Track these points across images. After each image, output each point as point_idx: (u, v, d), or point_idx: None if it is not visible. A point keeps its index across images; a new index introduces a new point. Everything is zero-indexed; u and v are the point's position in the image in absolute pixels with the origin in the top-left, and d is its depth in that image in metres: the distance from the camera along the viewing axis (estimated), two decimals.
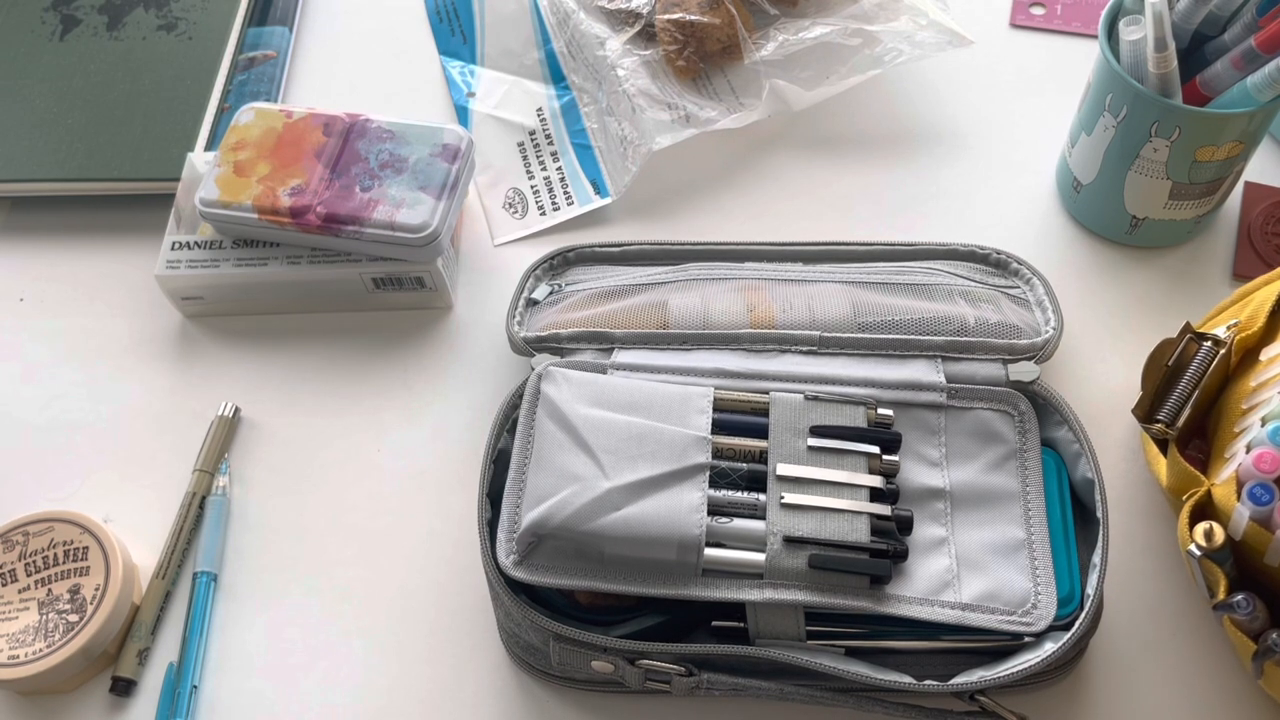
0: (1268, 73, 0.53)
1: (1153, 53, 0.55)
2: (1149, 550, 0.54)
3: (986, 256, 0.61)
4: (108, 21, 0.74)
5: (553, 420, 0.51)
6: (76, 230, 0.68)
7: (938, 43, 0.68)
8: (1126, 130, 0.58)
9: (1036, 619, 0.48)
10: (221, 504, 0.57)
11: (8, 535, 0.53)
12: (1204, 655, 0.51)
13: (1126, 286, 0.63)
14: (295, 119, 0.63)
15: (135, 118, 0.69)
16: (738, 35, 0.68)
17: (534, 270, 0.61)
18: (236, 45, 0.74)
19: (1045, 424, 0.54)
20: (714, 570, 0.48)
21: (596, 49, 0.70)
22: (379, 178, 0.60)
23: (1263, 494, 0.44)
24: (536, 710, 0.51)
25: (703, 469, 0.50)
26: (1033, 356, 0.55)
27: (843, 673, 0.46)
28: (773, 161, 0.69)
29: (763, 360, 0.55)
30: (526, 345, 0.57)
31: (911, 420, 0.54)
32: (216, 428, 0.59)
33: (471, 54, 0.75)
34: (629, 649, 0.47)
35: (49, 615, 0.51)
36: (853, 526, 0.48)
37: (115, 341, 0.63)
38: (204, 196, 0.60)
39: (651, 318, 0.57)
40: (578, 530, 0.48)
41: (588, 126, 0.70)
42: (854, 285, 0.59)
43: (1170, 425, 0.50)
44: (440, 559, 0.55)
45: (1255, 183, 0.66)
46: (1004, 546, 0.50)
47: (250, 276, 0.61)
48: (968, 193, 0.67)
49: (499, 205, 0.68)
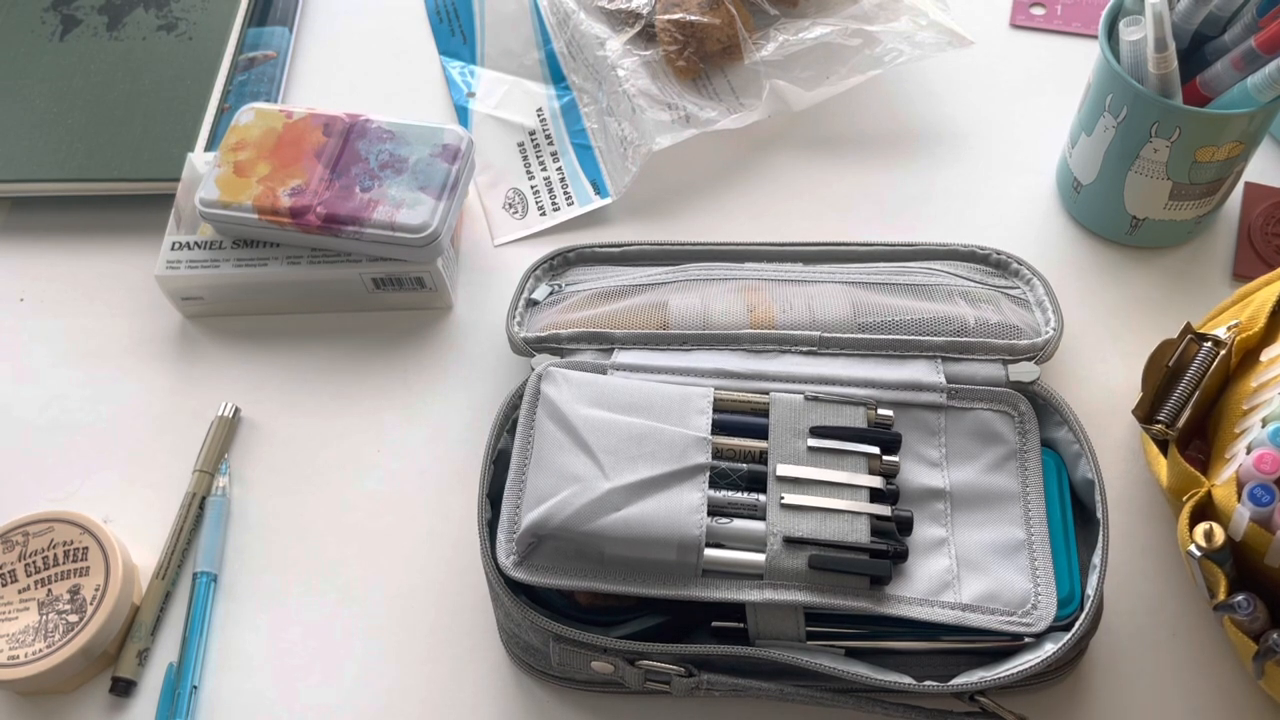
0: (1268, 73, 0.53)
1: (1153, 53, 0.55)
2: (1149, 550, 0.54)
3: (986, 257, 0.61)
4: (108, 21, 0.74)
5: (553, 421, 0.51)
6: (76, 230, 0.68)
7: (938, 43, 0.68)
8: (1126, 130, 0.58)
9: (1037, 620, 0.48)
10: (221, 504, 0.57)
11: (8, 535, 0.53)
12: (1204, 655, 0.51)
13: (1126, 287, 0.63)
14: (295, 119, 0.63)
15: (135, 118, 0.69)
16: (738, 35, 0.68)
17: (534, 270, 0.61)
18: (236, 45, 0.74)
19: (1045, 424, 0.54)
20: (714, 571, 0.48)
21: (596, 49, 0.70)
22: (379, 178, 0.60)
23: (1263, 495, 0.44)
24: (536, 710, 0.51)
25: (703, 469, 0.50)
26: (1033, 357, 0.55)
27: (842, 673, 0.46)
28: (773, 161, 0.69)
29: (763, 361, 0.55)
30: (526, 345, 0.57)
31: (911, 421, 0.54)
32: (216, 428, 0.59)
33: (471, 54, 0.75)
34: (629, 649, 0.47)
35: (49, 615, 0.51)
36: (853, 527, 0.48)
37: (115, 341, 0.63)
38: (204, 197, 0.60)
39: (651, 318, 0.57)
40: (578, 531, 0.48)
41: (588, 127, 0.70)
42: (854, 285, 0.59)
43: (1170, 426, 0.50)
44: (440, 559, 0.55)
45: (1255, 183, 0.66)
46: (1004, 547, 0.50)
47: (250, 276, 0.61)
48: (968, 193, 0.67)
49: (499, 205, 0.68)
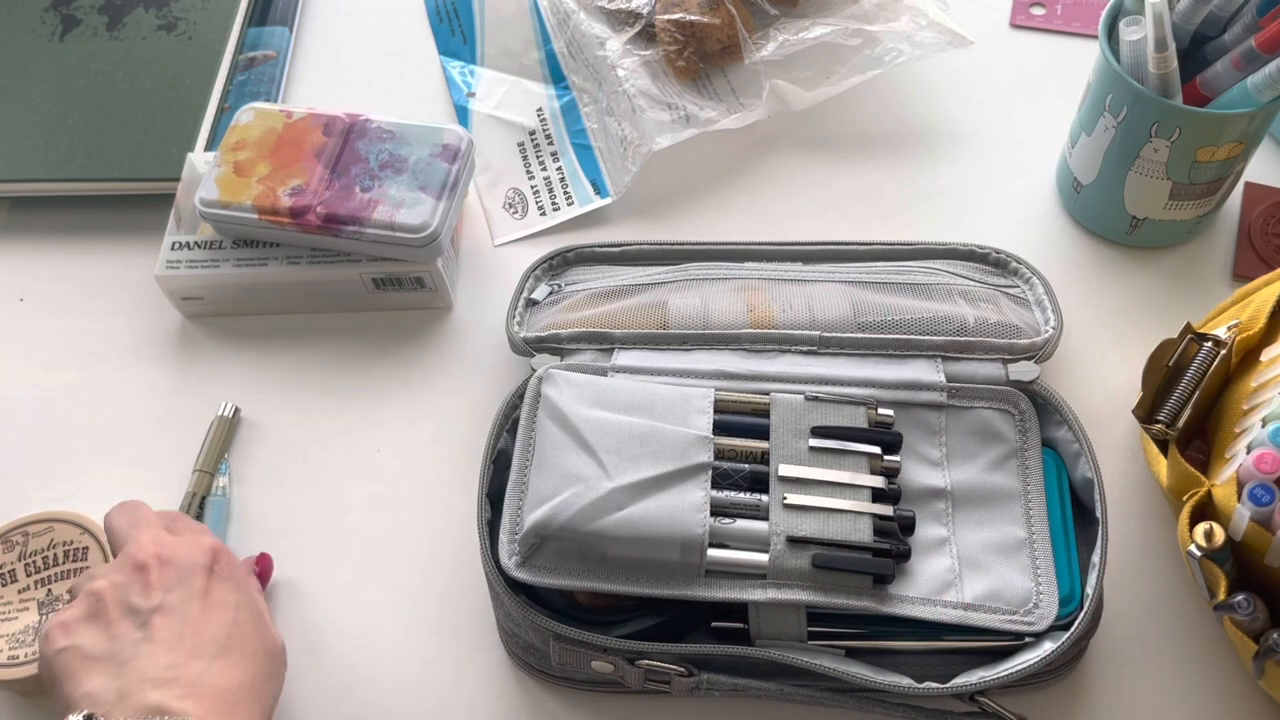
0: (1268, 73, 0.53)
1: (1153, 53, 0.55)
2: (1149, 550, 0.54)
3: (986, 256, 0.61)
4: (108, 21, 0.74)
5: (554, 421, 0.51)
6: (76, 230, 0.68)
7: (938, 43, 0.68)
8: (1126, 130, 0.58)
9: (1038, 619, 0.48)
10: (222, 504, 0.57)
11: (8, 535, 0.53)
12: (1204, 655, 0.51)
13: (1126, 286, 0.63)
14: (295, 119, 0.63)
15: (135, 118, 0.69)
16: (738, 35, 0.68)
17: (534, 270, 0.61)
18: (236, 45, 0.74)
19: (1045, 424, 0.54)
20: (717, 571, 0.48)
21: (596, 49, 0.70)
22: (379, 178, 0.60)
23: (1263, 495, 0.44)
24: (536, 710, 0.51)
25: (705, 468, 0.50)
26: (1032, 356, 0.55)
27: (843, 674, 0.46)
28: (773, 161, 0.69)
29: (763, 361, 0.55)
30: (526, 345, 0.57)
31: (912, 420, 0.54)
32: (216, 428, 0.59)
33: (471, 54, 0.75)
34: (629, 649, 0.47)
35: (49, 615, 0.51)
36: (855, 526, 0.48)
37: (115, 341, 0.63)
38: (204, 196, 0.60)
39: (651, 318, 0.57)
40: (581, 531, 0.48)
41: (588, 127, 0.70)
42: (854, 285, 0.59)
43: (1171, 426, 0.50)
44: (440, 559, 0.55)
45: (1255, 183, 0.66)
46: (1005, 546, 0.50)
47: (250, 276, 0.61)
48: (968, 193, 0.67)
49: (499, 205, 0.68)
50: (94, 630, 0.45)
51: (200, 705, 0.42)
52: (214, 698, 0.43)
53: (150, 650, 0.44)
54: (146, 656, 0.44)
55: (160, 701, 0.42)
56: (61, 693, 0.44)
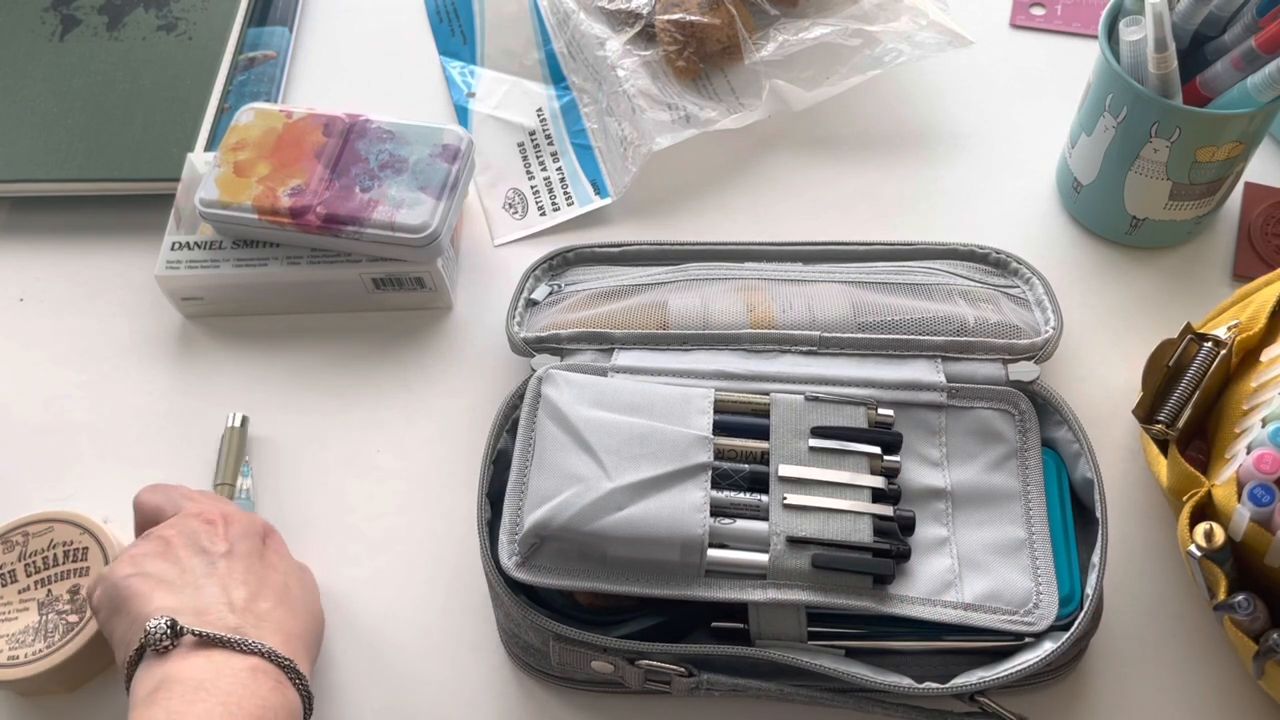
0: (1268, 73, 0.53)
1: (1153, 53, 0.55)
2: (1149, 550, 0.54)
3: (986, 256, 0.61)
4: (108, 21, 0.74)
5: (554, 422, 0.51)
6: (76, 230, 0.68)
7: (938, 43, 0.68)
8: (1126, 131, 0.58)
9: (1038, 619, 0.48)
10: (247, 505, 0.57)
11: (8, 536, 0.53)
12: (1204, 655, 0.51)
13: (1126, 286, 0.63)
14: (295, 119, 0.63)
15: (135, 118, 0.69)
16: (738, 35, 0.68)
17: (534, 270, 0.61)
18: (236, 45, 0.74)
19: (1045, 424, 0.54)
20: (717, 571, 0.48)
21: (596, 49, 0.70)
22: (379, 178, 0.60)
23: (1263, 495, 0.44)
24: (536, 710, 0.51)
25: (705, 468, 0.50)
26: (1032, 356, 0.55)
27: (842, 674, 0.46)
28: (773, 161, 0.69)
29: (763, 361, 0.55)
30: (526, 345, 0.57)
31: (912, 420, 0.54)
32: (229, 440, 0.58)
33: (471, 54, 0.75)
34: (629, 649, 0.47)
35: (49, 615, 0.51)
36: (855, 527, 0.48)
37: (115, 341, 0.63)
38: (204, 197, 0.60)
39: (651, 318, 0.57)
40: (581, 531, 0.48)
41: (588, 127, 0.70)
42: (854, 285, 0.59)
43: (1171, 426, 0.50)
44: (440, 559, 0.55)
45: (1255, 183, 0.66)
46: (1005, 546, 0.50)
47: (250, 277, 0.61)
48: (968, 193, 0.67)
49: (499, 205, 0.68)
50: (164, 562, 0.47)
51: (273, 639, 0.45)
52: (282, 635, 0.46)
53: (222, 582, 0.46)
54: (219, 587, 0.46)
55: (240, 624, 0.44)
56: (130, 610, 0.45)
